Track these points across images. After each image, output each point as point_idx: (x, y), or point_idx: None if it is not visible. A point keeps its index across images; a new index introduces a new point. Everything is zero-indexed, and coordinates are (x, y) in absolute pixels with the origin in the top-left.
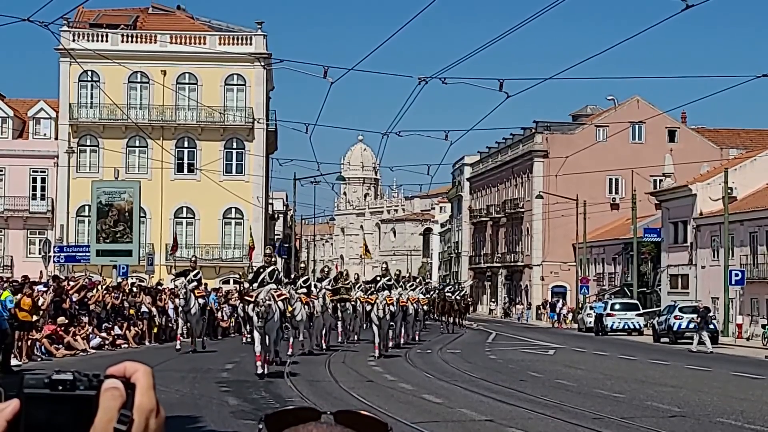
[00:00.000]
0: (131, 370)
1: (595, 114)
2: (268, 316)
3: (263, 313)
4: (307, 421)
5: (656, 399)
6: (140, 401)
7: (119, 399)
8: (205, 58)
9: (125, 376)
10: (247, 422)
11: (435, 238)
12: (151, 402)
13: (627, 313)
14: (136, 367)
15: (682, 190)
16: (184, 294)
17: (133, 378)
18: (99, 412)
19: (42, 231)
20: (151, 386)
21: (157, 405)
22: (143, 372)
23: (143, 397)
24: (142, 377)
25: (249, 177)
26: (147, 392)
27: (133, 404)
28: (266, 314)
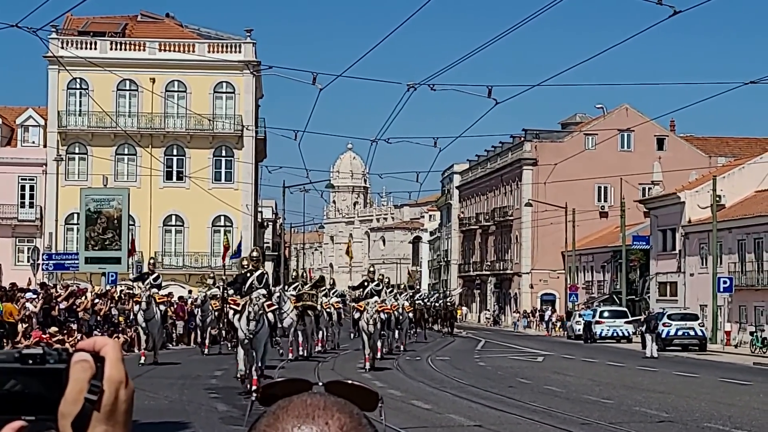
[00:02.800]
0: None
1: (584, 122)
2: (258, 330)
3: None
4: (300, 392)
5: (644, 405)
6: (110, 373)
7: (89, 371)
8: (194, 66)
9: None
10: (236, 428)
11: (424, 246)
12: (120, 373)
13: (616, 321)
14: (105, 341)
15: (671, 197)
16: (146, 299)
17: (102, 351)
18: (69, 383)
19: (30, 239)
20: (120, 359)
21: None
22: (112, 345)
23: (112, 369)
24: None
25: (238, 185)
26: (116, 364)
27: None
28: (255, 330)
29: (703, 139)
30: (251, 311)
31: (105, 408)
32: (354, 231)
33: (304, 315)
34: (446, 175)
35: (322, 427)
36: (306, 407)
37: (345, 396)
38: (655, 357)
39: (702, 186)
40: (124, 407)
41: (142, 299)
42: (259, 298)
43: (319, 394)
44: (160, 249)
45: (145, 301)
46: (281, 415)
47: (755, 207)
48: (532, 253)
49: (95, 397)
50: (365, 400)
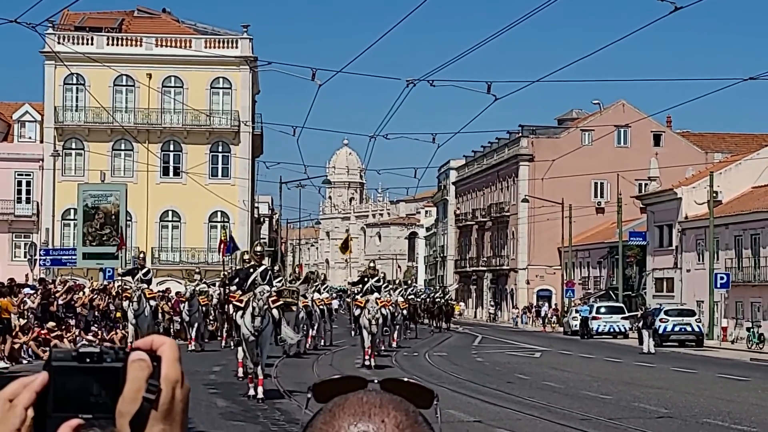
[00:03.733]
0: (158, 343)
1: (580, 118)
2: (263, 327)
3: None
4: (355, 389)
5: (643, 400)
6: (166, 372)
7: (146, 370)
8: (191, 61)
9: (152, 348)
10: (236, 423)
11: (420, 242)
12: (176, 373)
13: (612, 316)
14: (163, 340)
15: (668, 193)
16: (137, 296)
17: (159, 351)
18: (127, 382)
19: (27, 234)
20: (176, 358)
21: (182, 376)
22: (169, 345)
23: (169, 369)
24: (168, 350)
25: (235, 180)
26: (173, 364)
27: (160, 375)
28: (261, 326)
29: (699, 135)
30: (256, 307)
31: (162, 407)
32: (350, 227)
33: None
34: (442, 171)
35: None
36: (362, 405)
37: (400, 393)
38: (652, 353)
39: (699, 182)
40: (180, 406)
41: (132, 295)
42: (263, 292)
43: (374, 392)
44: (156, 244)
45: (136, 297)
46: (337, 412)
47: (752, 203)
48: (528, 248)
49: (153, 396)
50: (420, 397)
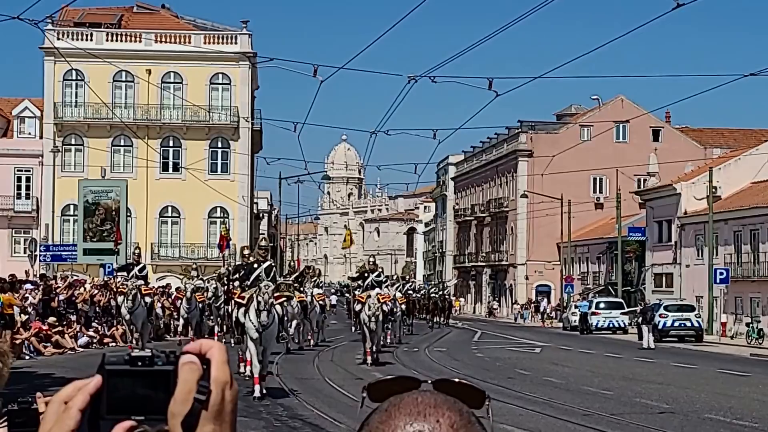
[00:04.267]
0: (207, 346)
1: (579, 113)
2: (269, 323)
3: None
4: (409, 389)
5: (644, 396)
6: (216, 374)
7: (197, 372)
8: (190, 57)
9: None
10: (238, 419)
11: (419, 238)
12: (225, 375)
13: (612, 312)
14: (211, 344)
15: (667, 189)
16: (132, 293)
17: (208, 354)
18: (179, 384)
19: (27, 230)
20: (225, 361)
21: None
22: (218, 348)
23: (218, 371)
24: (217, 353)
25: (234, 176)
26: (222, 366)
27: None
28: (267, 322)
29: (698, 130)
30: (262, 301)
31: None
32: (349, 222)
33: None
34: (441, 167)
35: (433, 425)
36: (417, 405)
37: (453, 394)
38: (652, 348)
39: (698, 177)
40: (230, 407)
41: (127, 291)
42: (267, 286)
43: (429, 392)
44: (156, 240)
45: (131, 294)
46: (393, 412)
47: (751, 198)
48: (527, 244)
49: (204, 397)
50: (472, 397)
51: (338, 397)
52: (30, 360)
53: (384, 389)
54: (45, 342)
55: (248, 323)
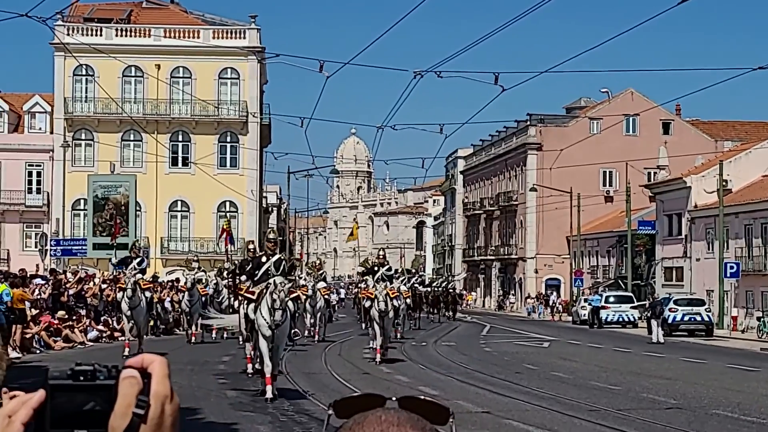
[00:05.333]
0: (148, 360)
1: (589, 106)
2: (283, 321)
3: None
4: (374, 407)
5: (652, 391)
6: (156, 388)
7: (136, 386)
8: (199, 52)
9: (142, 366)
10: (245, 414)
11: (428, 231)
12: (165, 389)
13: (621, 306)
14: (153, 358)
15: (677, 182)
16: (132, 286)
17: (149, 368)
18: (118, 398)
19: (38, 224)
20: (166, 375)
21: (172, 392)
22: (159, 362)
23: (159, 385)
24: (158, 367)
25: (243, 170)
26: (162, 380)
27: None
28: (281, 320)
29: (709, 123)
30: (277, 299)
31: (152, 421)
32: (358, 216)
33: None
34: (450, 160)
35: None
36: (380, 423)
37: (418, 411)
38: (662, 343)
39: (708, 170)
40: (170, 420)
41: (126, 285)
42: (283, 284)
43: (392, 410)
44: (165, 234)
45: (130, 288)
46: (357, 430)
47: (762, 192)
48: (536, 237)
49: (142, 411)
50: (437, 415)
51: (345, 392)
52: (40, 354)
53: (350, 406)
54: (55, 336)
55: (260, 320)
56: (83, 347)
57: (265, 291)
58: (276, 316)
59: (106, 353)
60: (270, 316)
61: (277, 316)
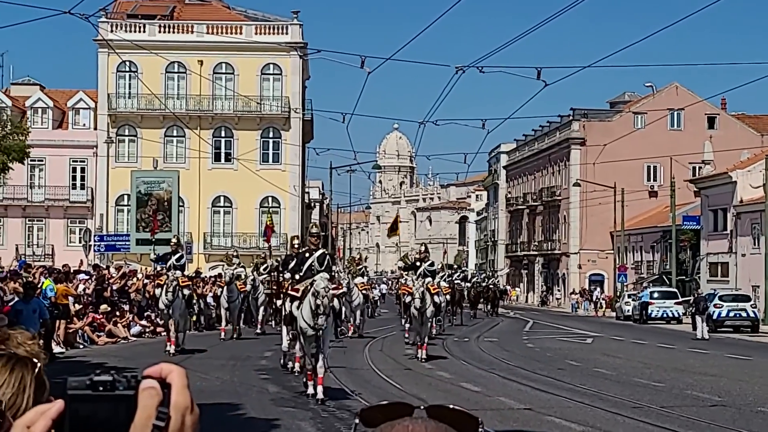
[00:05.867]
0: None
1: (633, 101)
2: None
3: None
4: (402, 415)
5: (696, 388)
6: (176, 400)
7: (156, 398)
8: (242, 48)
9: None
10: (287, 410)
11: (471, 227)
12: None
13: (666, 302)
14: (171, 368)
15: (722, 177)
16: (172, 284)
17: (168, 378)
18: (138, 410)
19: (82, 220)
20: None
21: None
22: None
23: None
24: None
25: (285, 166)
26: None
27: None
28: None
29: (755, 117)
30: (321, 305)
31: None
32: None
33: None
34: (493, 155)
35: None
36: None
37: (445, 420)
38: (706, 339)
39: (754, 165)
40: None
41: (165, 283)
42: (327, 289)
43: (420, 419)
44: (208, 230)
45: (171, 286)
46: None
47: None
48: (580, 233)
49: (163, 423)
50: (465, 424)
51: (387, 388)
52: (84, 349)
53: (378, 415)
54: (99, 332)
55: (302, 323)
56: (126, 342)
57: (309, 289)
58: (319, 321)
59: (149, 348)
60: (315, 320)
61: (320, 321)
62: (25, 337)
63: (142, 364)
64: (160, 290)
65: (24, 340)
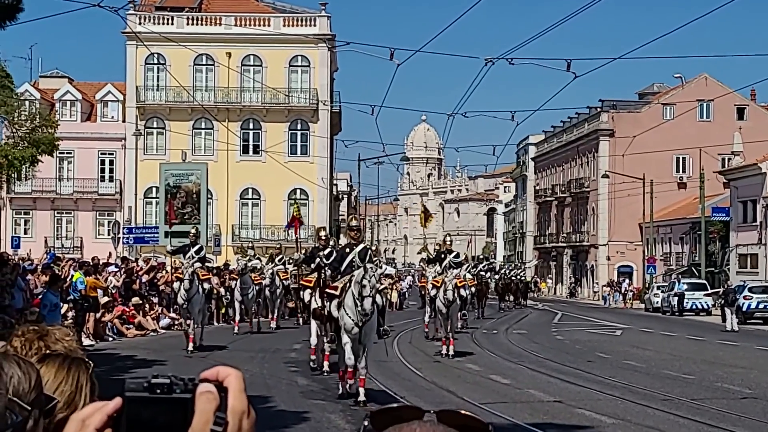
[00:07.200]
0: (224, 374)
1: (662, 92)
2: (370, 314)
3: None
4: (411, 419)
5: (726, 380)
6: (233, 404)
7: (214, 402)
8: (270, 40)
9: (218, 379)
10: (316, 402)
11: (499, 218)
12: (243, 404)
13: (695, 293)
14: (228, 372)
15: (752, 168)
16: (189, 277)
17: (225, 382)
18: (196, 414)
19: (110, 212)
20: (242, 389)
21: (249, 407)
22: (235, 376)
23: (236, 400)
24: (234, 381)
25: (313, 158)
26: (239, 395)
27: (227, 407)
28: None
29: None
30: (367, 285)
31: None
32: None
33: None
34: (522, 147)
35: None
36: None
37: (455, 425)
38: (736, 331)
39: None
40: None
41: (184, 275)
42: (374, 269)
43: (429, 423)
44: (237, 222)
45: (188, 278)
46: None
47: None
48: (608, 224)
49: (220, 429)
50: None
51: (416, 380)
52: (113, 342)
53: (387, 418)
54: (128, 324)
55: (345, 319)
56: (155, 335)
57: (349, 283)
58: (365, 305)
59: (178, 341)
60: (357, 308)
61: (367, 304)
62: (63, 333)
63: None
64: (178, 284)
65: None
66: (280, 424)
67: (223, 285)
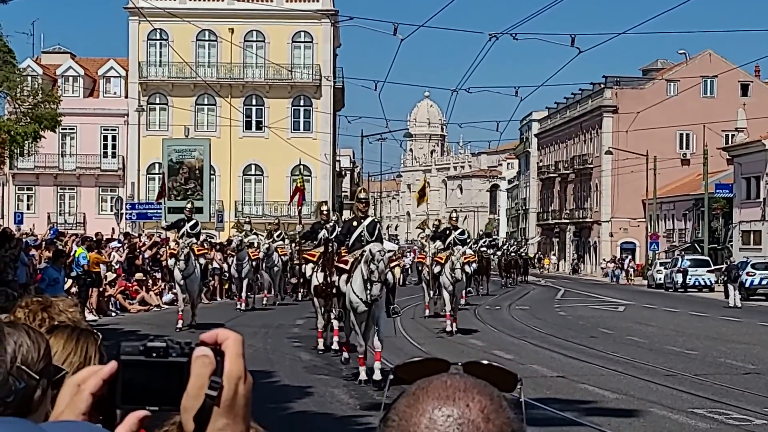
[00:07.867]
0: (222, 337)
1: (665, 68)
2: (378, 297)
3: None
4: (437, 372)
5: (729, 356)
6: (229, 368)
7: (209, 366)
8: (273, 16)
9: (216, 342)
10: (320, 377)
11: (502, 195)
12: (239, 369)
13: (698, 270)
14: (227, 335)
15: (755, 145)
16: (185, 255)
17: (223, 346)
18: (191, 378)
19: (113, 188)
20: (240, 354)
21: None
22: (233, 340)
23: (232, 365)
24: (232, 345)
25: (316, 134)
26: (236, 360)
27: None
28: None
29: None
30: (374, 270)
31: (225, 403)
32: (431, 179)
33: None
34: (525, 123)
35: (462, 410)
36: (446, 389)
37: (483, 377)
38: (739, 307)
39: None
40: (243, 401)
41: (178, 252)
42: (382, 252)
43: (458, 375)
44: (240, 198)
45: (183, 258)
46: (421, 395)
47: None
48: (612, 201)
49: (215, 393)
50: (504, 381)
51: (419, 355)
52: (116, 317)
53: (413, 371)
54: (130, 300)
55: (352, 296)
56: (159, 310)
57: (359, 261)
58: (373, 290)
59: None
60: (365, 291)
61: (375, 290)
62: (67, 305)
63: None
64: (173, 261)
65: (66, 307)
66: (284, 399)
67: (225, 261)
